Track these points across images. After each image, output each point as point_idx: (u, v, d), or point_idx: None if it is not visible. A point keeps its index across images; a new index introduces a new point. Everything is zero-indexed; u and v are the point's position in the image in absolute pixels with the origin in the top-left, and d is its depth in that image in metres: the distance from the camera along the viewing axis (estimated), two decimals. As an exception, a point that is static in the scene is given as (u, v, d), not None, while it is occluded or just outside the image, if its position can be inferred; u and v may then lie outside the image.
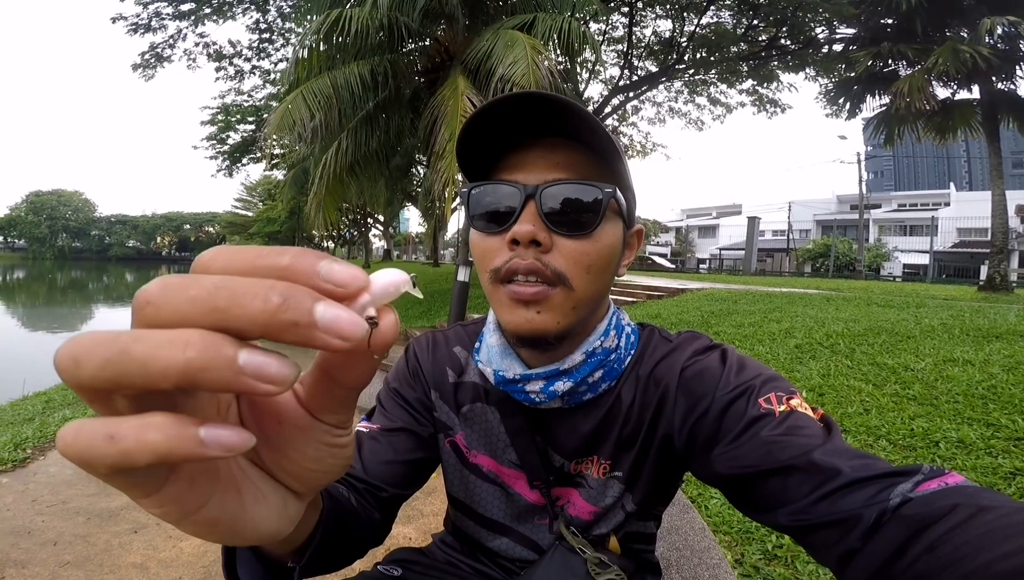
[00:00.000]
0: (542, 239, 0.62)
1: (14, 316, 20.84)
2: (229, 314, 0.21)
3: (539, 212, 0.63)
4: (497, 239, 0.65)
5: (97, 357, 0.20)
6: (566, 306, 0.64)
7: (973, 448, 2.42)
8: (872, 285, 13.55)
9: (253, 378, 0.21)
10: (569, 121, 0.62)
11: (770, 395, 0.60)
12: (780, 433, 0.56)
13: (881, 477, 0.48)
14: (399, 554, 0.90)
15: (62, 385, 5.88)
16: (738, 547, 2.04)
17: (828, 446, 0.53)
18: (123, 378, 0.20)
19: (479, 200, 0.66)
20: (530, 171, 0.64)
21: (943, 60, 8.95)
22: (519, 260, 0.62)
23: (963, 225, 29.55)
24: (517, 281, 0.63)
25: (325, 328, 0.21)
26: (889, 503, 0.45)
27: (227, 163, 17.87)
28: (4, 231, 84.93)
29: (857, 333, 4.70)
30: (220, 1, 12.18)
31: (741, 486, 0.58)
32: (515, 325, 0.65)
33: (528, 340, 0.66)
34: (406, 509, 2.53)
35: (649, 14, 12.78)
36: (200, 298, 0.21)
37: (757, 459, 0.55)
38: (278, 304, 0.21)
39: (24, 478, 2.91)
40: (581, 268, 0.64)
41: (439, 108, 7.42)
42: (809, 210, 42.12)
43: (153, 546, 2.20)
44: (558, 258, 0.63)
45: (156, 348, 0.20)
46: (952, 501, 0.42)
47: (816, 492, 0.50)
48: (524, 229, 0.62)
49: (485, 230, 0.67)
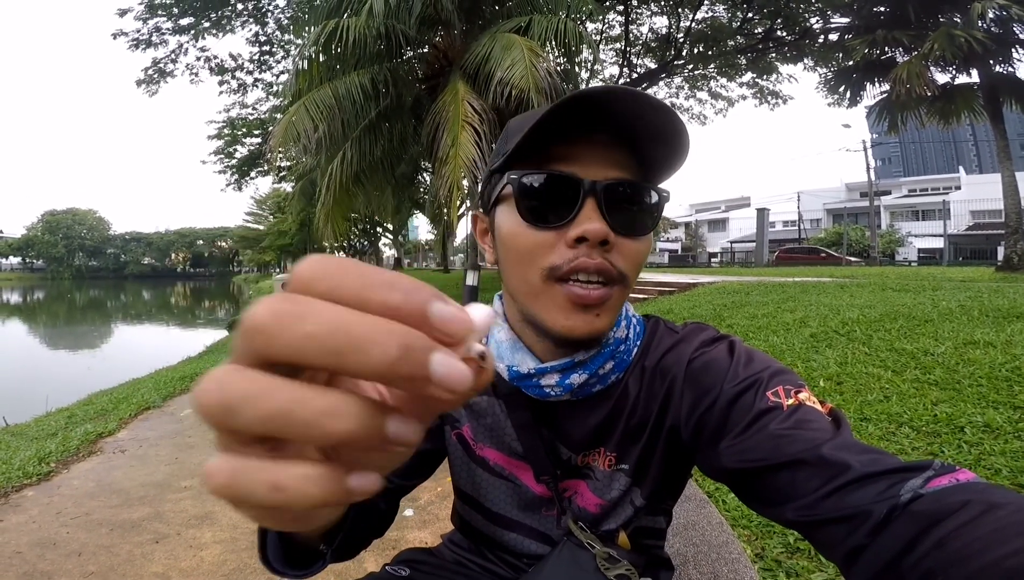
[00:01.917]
0: (612, 239, 0.61)
1: (37, 336, 21.22)
2: (345, 360, 0.20)
3: (601, 210, 0.61)
4: (551, 234, 0.62)
5: (252, 410, 0.19)
6: (619, 303, 0.65)
7: (1001, 432, 2.36)
8: (887, 270, 13.38)
9: (395, 442, 0.22)
10: (621, 118, 0.60)
11: (778, 388, 0.59)
12: (788, 427, 0.55)
13: (891, 472, 0.47)
14: (407, 554, 0.90)
15: (83, 401, 5.96)
16: (758, 541, 2.01)
17: (837, 440, 0.51)
18: (283, 434, 0.20)
19: (530, 189, 0.62)
20: (586, 166, 0.62)
21: (938, 45, 8.93)
22: (587, 259, 0.60)
23: (976, 208, 29.07)
24: (578, 281, 0.61)
25: (439, 381, 0.21)
26: (900, 499, 0.44)
27: (236, 177, 18.08)
28: (23, 252, 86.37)
29: (873, 319, 4.63)
30: (219, 14, 12.31)
31: (748, 480, 0.57)
32: (574, 329, 0.63)
33: (583, 342, 0.65)
34: (421, 514, 2.52)
35: (644, 11, 12.79)
36: (318, 337, 0.20)
37: (765, 453, 0.54)
38: (397, 357, 0.20)
39: (49, 491, 2.95)
40: (636, 267, 0.64)
41: (440, 114, 7.46)
42: (818, 199, 41.70)
43: (174, 556, 2.22)
44: (619, 257, 0.62)
45: (319, 412, 0.20)
46: (963, 497, 0.41)
47: (825, 487, 0.49)
48: (596, 227, 0.59)
49: (536, 223, 0.62)
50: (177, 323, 25.05)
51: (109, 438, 3.92)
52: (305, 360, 0.20)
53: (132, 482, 3.05)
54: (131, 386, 6.57)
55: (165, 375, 6.89)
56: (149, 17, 12.19)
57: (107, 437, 3.94)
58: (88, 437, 3.85)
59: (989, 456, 2.20)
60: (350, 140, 8.59)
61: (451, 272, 25.10)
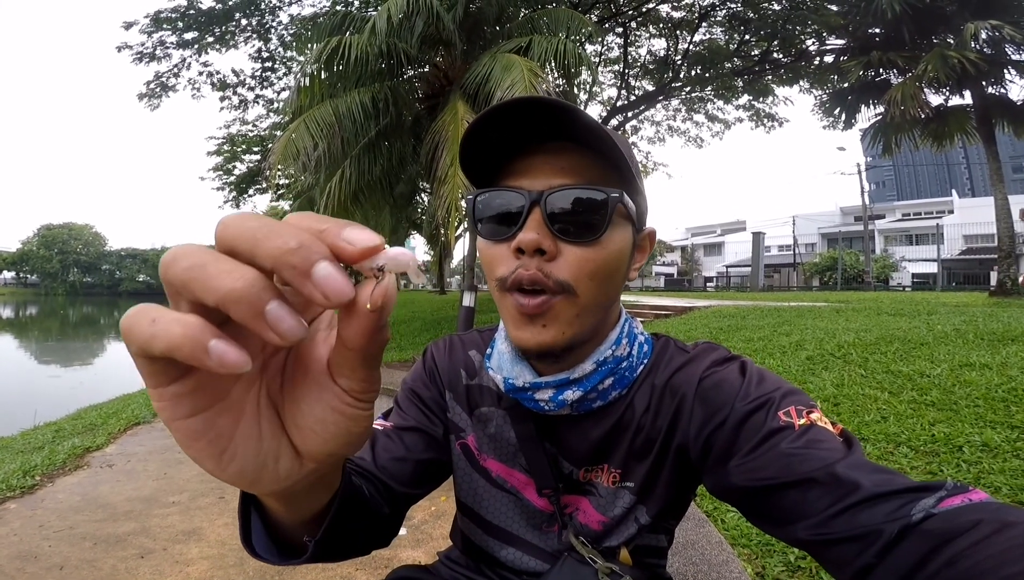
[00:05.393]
0: (547, 247, 0.61)
1: (28, 351, 21.04)
2: (258, 245, 0.25)
3: (544, 219, 0.61)
4: (503, 247, 0.64)
5: (186, 262, 0.25)
6: (570, 314, 0.63)
7: (999, 451, 2.35)
8: (882, 295, 13.45)
9: (269, 324, 0.24)
10: (573, 125, 0.61)
11: (790, 408, 0.59)
12: (800, 446, 0.54)
13: (903, 492, 0.47)
14: (401, 572, 0.88)
15: (72, 416, 5.88)
16: (758, 560, 1.98)
17: (849, 460, 0.52)
18: (190, 283, 0.24)
19: (484, 206, 0.65)
20: (535, 177, 0.63)
21: (932, 67, 9.02)
22: (523, 270, 0.61)
23: (969, 232, 29.38)
24: (522, 290, 0.62)
25: (316, 281, 0.24)
26: (912, 518, 0.44)
27: (234, 194, 18.08)
28: (17, 266, 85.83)
29: (869, 342, 4.64)
30: (223, 30, 12.43)
31: (758, 499, 0.56)
32: (522, 341, 0.64)
33: (535, 355, 0.66)
34: (415, 533, 2.48)
35: (643, 34, 13.00)
36: (251, 228, 0.25)
37: (775, 471, 0.54)
38: (291, 248, 0.24)
39: (32, 504, 2.89)
40: (585, 275, 0.62)
41: (440, 133, 7.51)
42: (813, 223, 42.02)
43: (159, 571, 2.17)
44: (562, 266, 0.62)
45: (221, 272, 0.24)
46: (975, 517, 0.41)
47: (836, 506, 0.49)
48: (528, 237, 0.60)
49: (491, 237, 0.65)
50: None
51: (97, 452, 3.86)
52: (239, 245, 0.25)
53: (119, 496, 2.99)
54: (121, 401, 6.49)
55: (156, 390, 6.80)
56: (154, 31, 12.27)
57: (95, 451, 3.88)
58: (75, 451, 3.79)
59: (989, 475, 2.19)
60: (349, 158, 8.63)
61: (447, 293, 25.08)
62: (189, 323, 0.24)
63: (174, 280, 0.25)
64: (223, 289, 0.24)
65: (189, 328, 0.24)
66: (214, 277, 0.24)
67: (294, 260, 0.24)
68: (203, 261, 0.24)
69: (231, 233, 0.25)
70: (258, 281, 0.24)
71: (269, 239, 0.25)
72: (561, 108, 0.59)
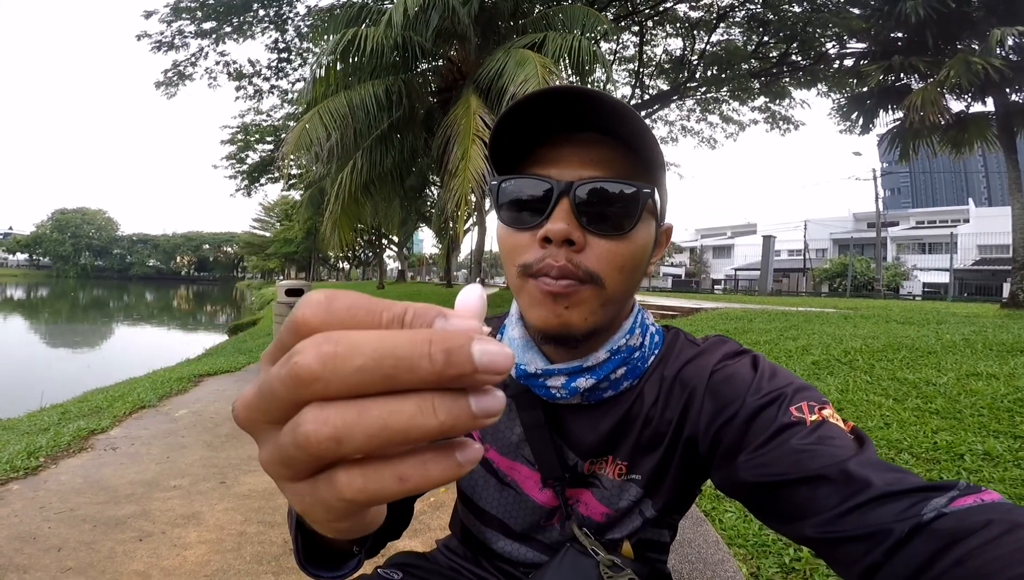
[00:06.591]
0: (576, 238, 0.60)
1: (37, 332, 21.29)
2: (399, 380, 0.21)
3: (573, 210, 0.61)
4: (527, 235, 0.63)
5: (361, 435, 0.21)
6: (595, 303, 0.63)
7: (1000, 460, 2.33)
8: (891, 303, 13.31)
9: (484, 417, 0.22)
10: (606, 116, 0.60)
11: (802, 404, 0.58)
12: (811, 442, 0.54)
13: (914, 491, 0.46)
14: (400, 558, 0.88)
15: (78, 398, 5.94)
16: (754, 560, 1.97)
17: (860, 458, 0.51)
18: (387, 447, 0.21)
19: (509, 193, 0.65)
20: (564, 166, 0.63)
21: (955, 72, 8.81)
22: (551, 261, 0.61)
23: (983, 242, 29.01)
24: (549, 277, 0.62)
25: (484, 369, 0.21)
26: (923, 517, 0.43)
27: (246, 183, 18.24)
28: (30, 249, 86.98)
29: (876, 349, 4.59)
30: (241, 20, 12.51)
31: (766, 494, 0.55)
32: (543, 320, 0.63)
33: (554, 336, 0.65)
34: (413, 523, 2.48)
35: (659, 33, 12.92)
36: (368, 369, 0.21)
37: (785, 467, 0.53)
38: (444, 362, 0.21)
39: (35, 486, 2.92)
40: (614, 268, 0.62)
41: (452, 127, 7.52)
42: (825, 229, 41.69)
43: (157, 554, 2.19)
44: (591, 257, 0.61)
45: (411, 418, 0.21)
46: (987, 517, 0.41)
47: (845, 504, 0.48)
48: (558, 227, 0.60)
49: (514, 225, 0.65)
50: (178, 325, 25.13)
51: (101, 435, 3.90)
52: (363, 391, 0.21)
53: (121, 479, 3.02)
54: (128, 385, 6.55)
55: (162, 375, 6.87)
56: (173, 20, 12.39)
57: (99, 434, 3.91)
58: (80, 433, 3.82)
59: (988, 483, 2.17)
60: (361, 149, 8.67)
61: (454, 286, 25.11)
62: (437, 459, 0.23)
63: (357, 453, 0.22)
64: (435, 428, 0.21)
65: (442, 462, 0.23)
66: (414, 426, 0.21)
67: (456, 371, 0.21)
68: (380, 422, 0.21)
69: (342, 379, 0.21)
70: (452, 400, 0.21)
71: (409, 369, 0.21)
72: (595, 98, 0.59)
